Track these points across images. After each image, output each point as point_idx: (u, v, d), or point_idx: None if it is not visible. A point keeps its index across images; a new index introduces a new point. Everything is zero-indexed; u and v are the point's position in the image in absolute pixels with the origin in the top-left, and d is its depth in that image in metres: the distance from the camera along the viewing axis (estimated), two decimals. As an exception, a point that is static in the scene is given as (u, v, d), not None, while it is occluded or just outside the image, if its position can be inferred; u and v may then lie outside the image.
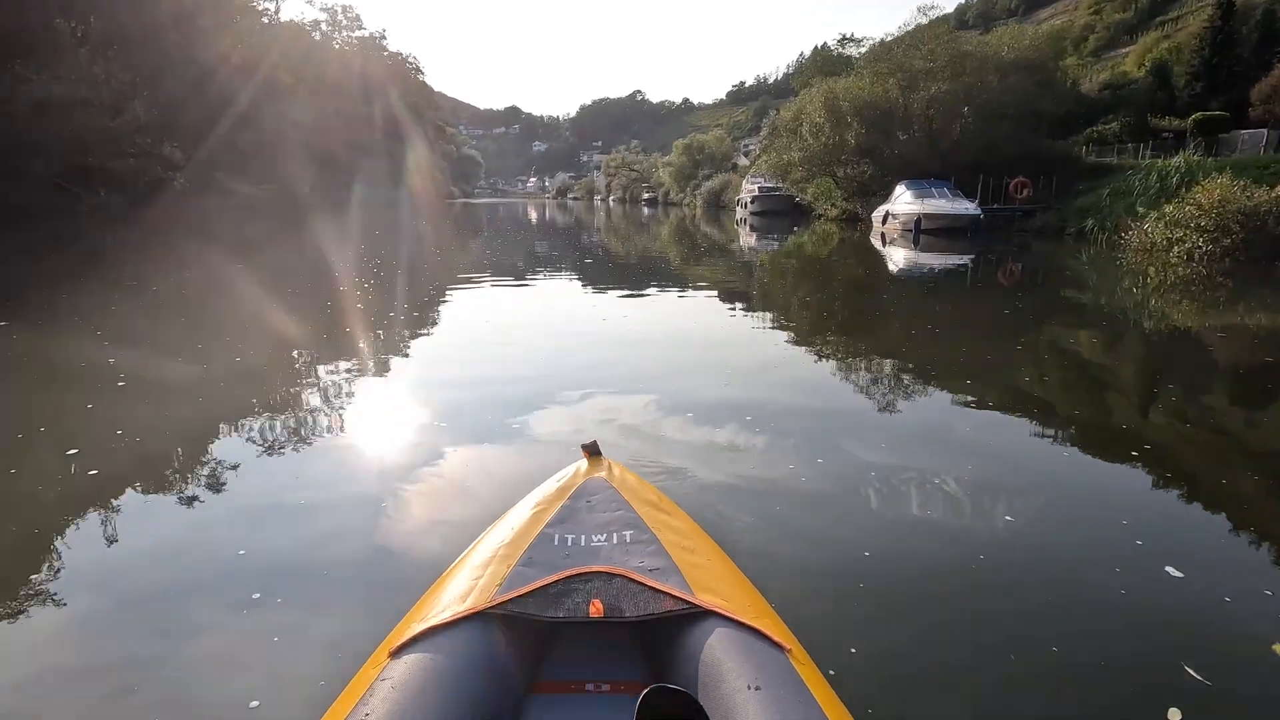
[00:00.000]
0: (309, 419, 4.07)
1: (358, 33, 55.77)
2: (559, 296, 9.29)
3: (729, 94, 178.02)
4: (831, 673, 1.48)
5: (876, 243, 18.79)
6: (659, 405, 4.24)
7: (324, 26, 52.94)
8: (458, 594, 1.36)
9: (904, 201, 20.58)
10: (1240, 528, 2.78)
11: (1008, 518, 2.84)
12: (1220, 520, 2.87)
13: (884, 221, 21.52)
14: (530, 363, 5.47)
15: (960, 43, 24.86)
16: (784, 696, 1.05)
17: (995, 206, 20.17)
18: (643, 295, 9.15)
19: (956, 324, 7.52)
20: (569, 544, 1.50)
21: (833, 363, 5.65)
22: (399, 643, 1.23)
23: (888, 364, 5.49)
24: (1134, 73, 30.13)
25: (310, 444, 3.68)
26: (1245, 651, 2.04)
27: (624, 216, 42.98)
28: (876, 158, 25.26)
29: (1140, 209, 14.61)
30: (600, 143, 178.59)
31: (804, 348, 6.19)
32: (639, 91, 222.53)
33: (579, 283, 10.56)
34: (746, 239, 22.26)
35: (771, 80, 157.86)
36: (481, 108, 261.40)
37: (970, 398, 4.52)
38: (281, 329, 6.81)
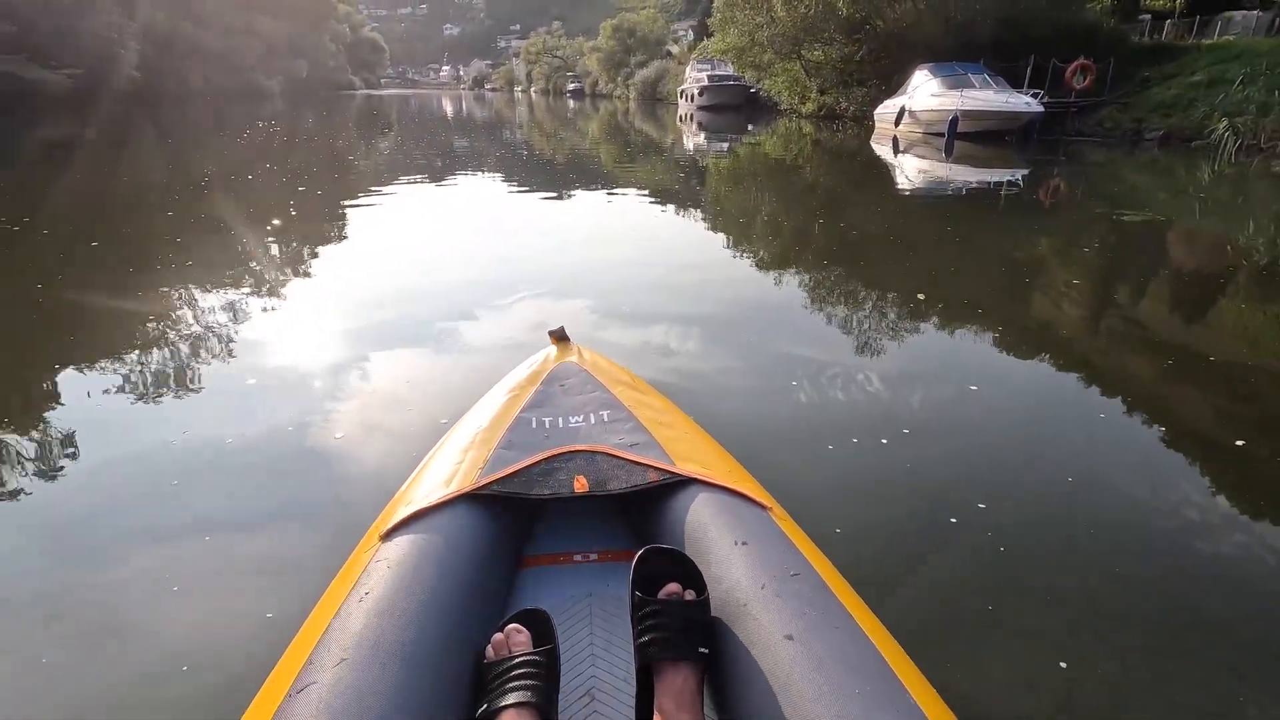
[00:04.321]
0: (249, 335, 3.67)
1: None
2: (487, 199, 8.51)
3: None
4: (809, 529, 1.29)
5: (883, 149, 13.60)
6: (617, 301, 4.17)
7: None
8: (440, 479, 1.30)
9: (929, 94, 15.08)
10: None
11: (973, 387, 3.03)
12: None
13: (898, 121, 15.99)
14: (473, 265, 5.25)
15: None
16: (769, 548, 1.06)
17: (1048, 100, 14.74)
18: (570, 198, 8.35)
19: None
20: (546, 426, 1.44)
21: (794, 267, 5.26)
22: (388, 527, 1.18)
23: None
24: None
25: (263, 358, 3.34)
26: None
27: (548, 110, 37.76)
28: (869, 34, 19.44)
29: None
30: (519, 26, 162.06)
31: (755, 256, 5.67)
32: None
33: (507, 185, 9.59)
34: (693, 139, 17.73)
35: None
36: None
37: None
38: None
